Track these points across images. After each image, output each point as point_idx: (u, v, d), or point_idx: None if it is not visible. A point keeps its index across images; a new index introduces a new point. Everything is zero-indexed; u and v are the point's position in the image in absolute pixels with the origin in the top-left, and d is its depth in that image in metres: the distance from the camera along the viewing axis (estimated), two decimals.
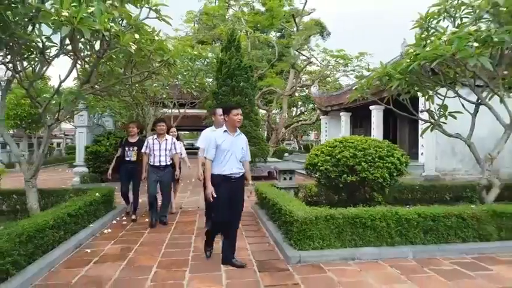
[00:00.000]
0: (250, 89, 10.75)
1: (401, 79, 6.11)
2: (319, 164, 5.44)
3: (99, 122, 12.29)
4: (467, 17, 6.08)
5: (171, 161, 5.85)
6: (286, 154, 20.92)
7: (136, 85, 7.68)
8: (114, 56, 5.49)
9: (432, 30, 6.43)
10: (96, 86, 6.08)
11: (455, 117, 6.51)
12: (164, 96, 10.19)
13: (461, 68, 5.95)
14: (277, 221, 5.08)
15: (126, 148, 6.15)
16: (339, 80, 27.01)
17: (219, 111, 4.98)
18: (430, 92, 6.86)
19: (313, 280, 3.51)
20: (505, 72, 6.96)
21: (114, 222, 5.96)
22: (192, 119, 22.32)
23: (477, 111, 6.29)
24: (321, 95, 18.20)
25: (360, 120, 16.49)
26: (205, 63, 14.49)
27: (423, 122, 7.83)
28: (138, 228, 5.58)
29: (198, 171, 5.10)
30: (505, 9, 5.25)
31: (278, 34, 26.67)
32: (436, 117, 6.79)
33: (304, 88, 25.01)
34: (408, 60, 5.90)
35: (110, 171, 6.43)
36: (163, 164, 5.70)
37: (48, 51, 4.99)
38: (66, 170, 16.97)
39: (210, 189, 3.79)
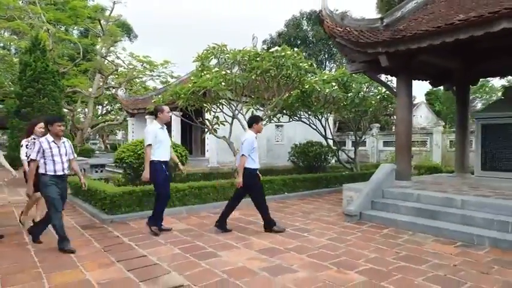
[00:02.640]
0: (57, 92, 11.44)
1: (185, 98, 8.83)
2: (125, 157, 7.46)
3: None
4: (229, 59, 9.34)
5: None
6: (97, 152, 21.44)
7: None
8: None
9: (207, 65, 9.45)
10: None
11: (224, 125, 9.77)
12: None
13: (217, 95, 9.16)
14: (93, 201, 6.81)
15: None
16: (146, 83, 28.87)
17: (167, 108, 5.35)
18: (208, 107, 9.95)
19: (120, 228, 5.60)
20: (252, 96, 10.82)
21: None
22: None
23: (232, 122, 9.67)
24: (127, 98, 19.63)
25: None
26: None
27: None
28: None
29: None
30: (243, 59, 8.68)
31: (84, 30, 26.13)
32: (212, 125, 9.92)
33: (111, 88, 25.64)
34: (190, 85, 8.67)
35: None
36: (67, 172, 4.58)
37: None
38: None
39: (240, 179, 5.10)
